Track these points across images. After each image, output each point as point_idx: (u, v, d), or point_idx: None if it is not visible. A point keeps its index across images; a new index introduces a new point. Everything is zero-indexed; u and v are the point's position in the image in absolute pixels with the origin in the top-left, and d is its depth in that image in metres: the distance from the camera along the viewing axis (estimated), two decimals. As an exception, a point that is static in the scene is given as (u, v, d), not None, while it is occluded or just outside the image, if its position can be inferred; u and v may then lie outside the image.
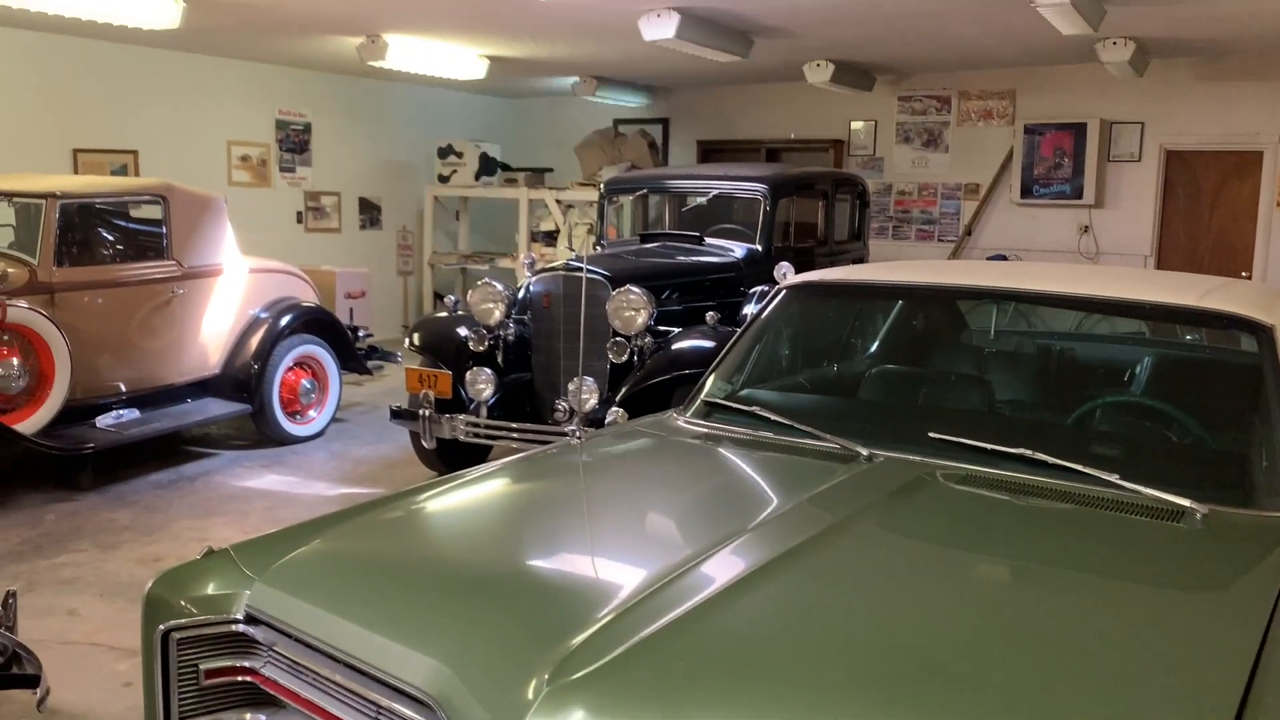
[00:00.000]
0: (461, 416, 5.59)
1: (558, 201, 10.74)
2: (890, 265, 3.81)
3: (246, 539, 2.27)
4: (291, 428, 6.85)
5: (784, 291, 3.51)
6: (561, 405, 5.65)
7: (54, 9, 6.21)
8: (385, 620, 1.89)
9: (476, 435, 5.55)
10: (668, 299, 6.06)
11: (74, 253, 5.79)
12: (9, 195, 5.82)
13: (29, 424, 5.36)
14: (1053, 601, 1.97)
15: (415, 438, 5.93)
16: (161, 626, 2.05)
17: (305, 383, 6.94)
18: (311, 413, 7.03)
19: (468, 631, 1.80)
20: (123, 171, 8.68)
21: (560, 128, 12.24)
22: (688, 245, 6.93)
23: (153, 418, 6.13)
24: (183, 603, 2.07)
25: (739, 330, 3.51)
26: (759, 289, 6.37)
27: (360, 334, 7.65)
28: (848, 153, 10.89)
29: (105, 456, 5.89)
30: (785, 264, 6.12)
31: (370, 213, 11.24)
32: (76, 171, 8.35)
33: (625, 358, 5.55)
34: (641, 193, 7.70)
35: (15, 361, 5.29)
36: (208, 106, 9.41)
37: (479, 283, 5.92)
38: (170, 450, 6.60)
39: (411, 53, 8.43)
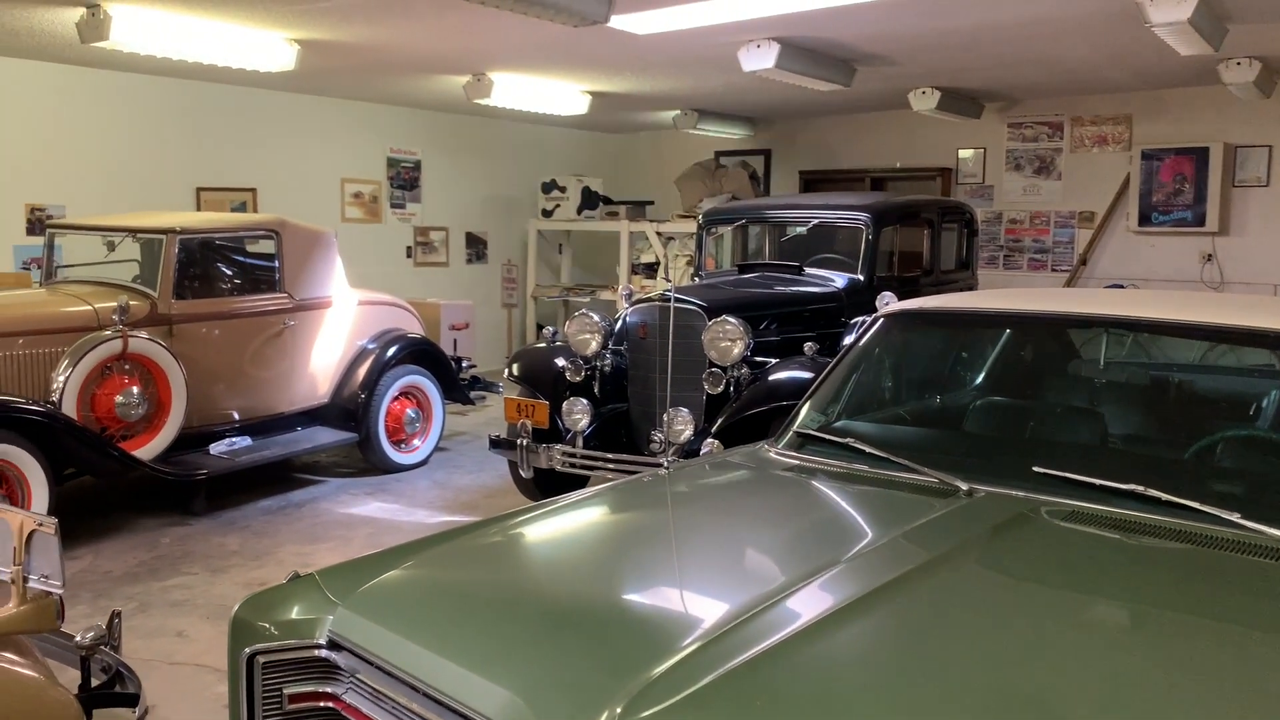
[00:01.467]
0: (558, 446, 5.60)
1: (658, 234, 10.78)
2: (994, 293, 3.68)
3: (333, 564, 2.30)
4: (396, 456, 6.99)
5: (881, 320, 3.42)
6: (657, 436, 5.61)
7: (178, 54, 6.53)
8: (462, 649, 1.87)
9: (572, 465, 5.55)
10: (765, 329, 5.99)
11: (192, 286, 6.04)
12: (133, 231, 6.12)
13: (147, 450, 5.59)
14: (1170, 648, 1.83)
15: (514, 467, 5.98)
16: (247, 650, 2.08)
17: (410, 412, 7.08)
18: (416, 441, 7.16)
19: (543, 663, 1.77)
20: (242, 209, 9.05)
21: (661, 161, 12.32)
22: (787, 275, 6.85)
23: (264, 445, 6.32)
24: (268, 626, 2.10)
25: (833, 360, 3.43)
26: (860, 319, 6.23)
27: (463, 365, 7.78)
28: (956, 181, 10.65)
29: (218, 482, 6.10)
30: (888, 294, 6.00)
31: (476, 247, 11.46)
32: (199, 209, 8.75)
33: (721, 389, 5.49)
34: (740, 223, 7.66)
35: (135, 390, 5.52)
36: (322, 145, 9.76)
37: (576, 314, 5.96)
38: (280, 477, 6.79)
39: (515, 90, 8.60)
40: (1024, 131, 10.16)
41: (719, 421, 5.35)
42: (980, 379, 3.61)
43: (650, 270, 10.82)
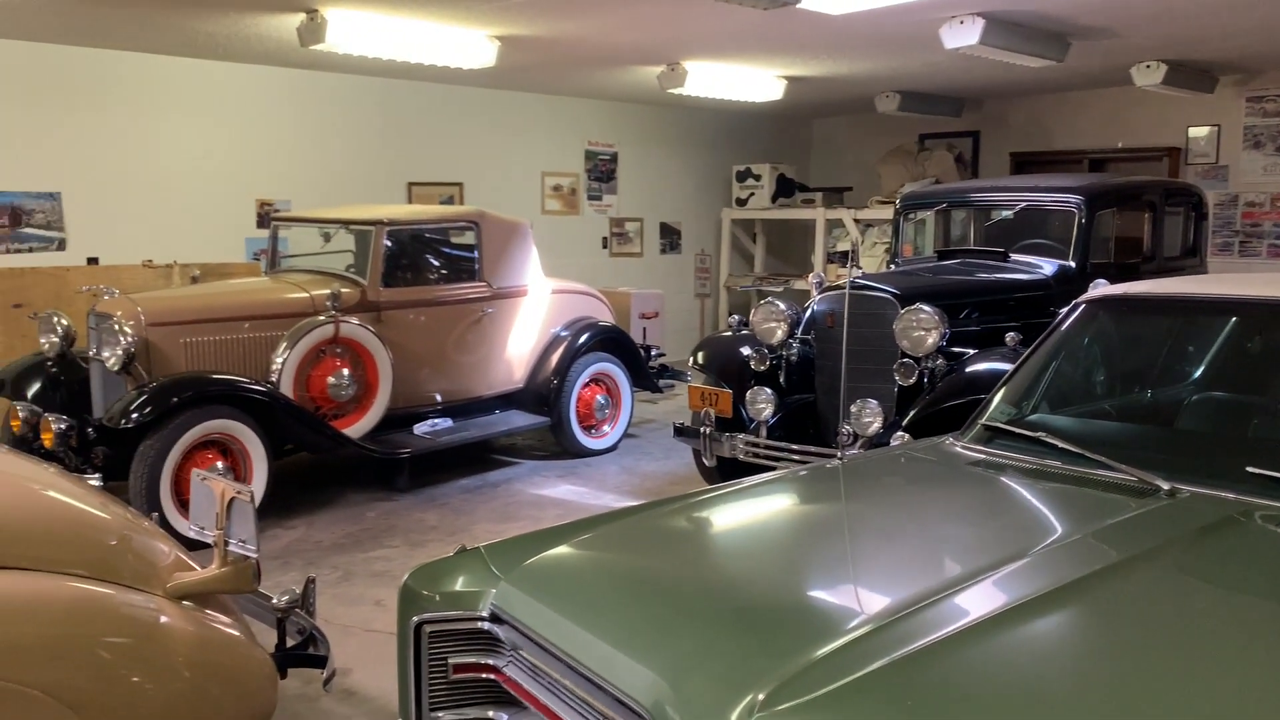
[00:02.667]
0: (741, 436, 5.55)
1: (856, 221, 10.51)
2: (1214, 277, 3.35)
3: (499, 539, 2.35)
4: (587, 441, 7.13)
5: (1084, 306, 3.18)
6: (845, 429, 5.46)
7: (387, 55, 6.88)
8: (614, 628, 1.86)
9: (755, 455, 5.48)
10: (964, 319, 5.71)
11: (399, 274, 6.36)
12: (346, 223, 6.51)
13: (355, 429, 5.93)
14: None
15: (697, 455, 5.97)
16: (415, 618, 2.15)
17: (600, 398, 7.20)
18: (606, 427, 7.28)
19: (691, 646, 1.73)
20: (449, 202, 9.47)
21: (860, 146, 11.99)
22: (991, 262, 6.51)
23: (463, 427, 6.59)
24: (435, 597, 2.16)
25: (1028, 349, 3.22)
26: (1068, 309, 5.84)
27: (652, 353, 7.84)
28: (1185, 161, 9.82)
29: (420, 461, 6.40)
30: (1102, 281, 5.57)
31: (670, 237, 11.54)
32: (410, 203, 9.21)
33: (914, 380, 5.28)
34: (941, 207, 7.33)
35: (345, 372, 5.87)
36: (523, 140, 10.08)
37: (761, 302, 5.88)
38: (478, 458, 7.07)
39: (709, 78, 8.57)
40: (1264, 106, 9.24)
41: (910, 414, 5.15)
42: (1196, 372, 3.30)
43: (846, 259, 10.56)
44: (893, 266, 7.15)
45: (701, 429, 5.67)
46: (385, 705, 3.61)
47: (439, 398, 6.56)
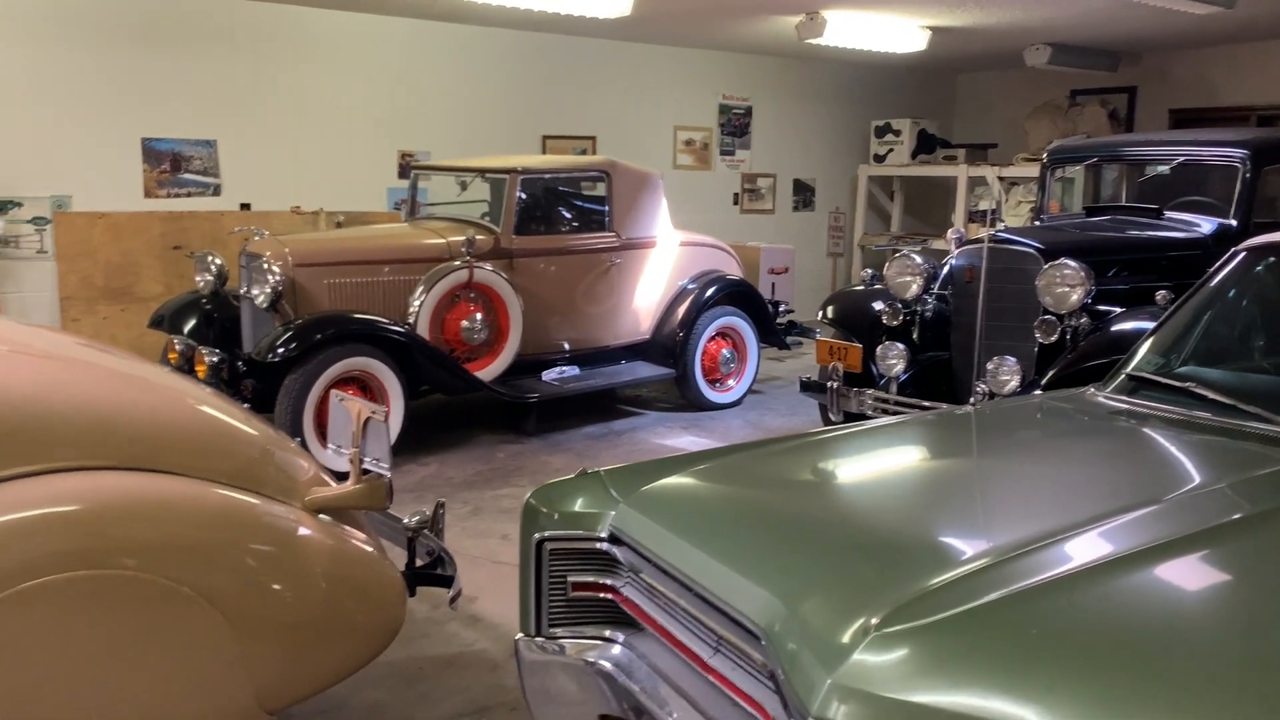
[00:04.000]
0: (870, 391, 5.45)
1: (1000, 178, 10.12)
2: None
3: (619, 465, 2.37)
4: (711, 394, 7.13)
5: (1243, 254, 2.99)
6: (980, 387, 5.29)
7: (524, 4, 6.94)
8: (730, 551, 1.87)
9: (884, 411, 5.38)
10: (1113, 277, 5.44)
11: (531, 223, 6.45)
12: (482, 171, 6.64)
13: (487, 372, 6.08)
14: None
15: (824, 410, 5.89)
16: (536, 535, 2.20)
17: (725, 352, 7.18)
18: (730, 381, 7.26)
19: (808, 571, 1.72)
20: (582, 155, 9.54)
21: (1007, 101, 11.51)
22: (1143, 219, 6.17)
23: (589, 375, 6.68)
24: (555, 516, 2.21)
25: (1179, 300, 3.05)
26: (1227, 268, 5.50)
27: (780, 309, 7.76)
28: (1369, 118, 9.08)
29: (548, 406, 6.53)
30: (1264, 240, 5.23)
31: (804, 194, 11.36)
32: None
33: (1055, 338, 5.07)
34: (1092, 162, 6.98)
35: (479, 316, 6.01)
36: (656, 94, 10.04)
37: (896, 255, 5.73)
38: (603, 406, 7.16)
39: (849, 28, 8.35)
40: None
41: (1050, 373, 4.96)
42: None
43: (987, 217, 10.19)
44: (1038, 223, 6.86)
45: (829, 384, 5.59)
46: (509, 631, 3.71)
47: (567, 346, 6.65)
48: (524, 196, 6.35)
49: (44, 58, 6.88)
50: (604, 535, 2.14)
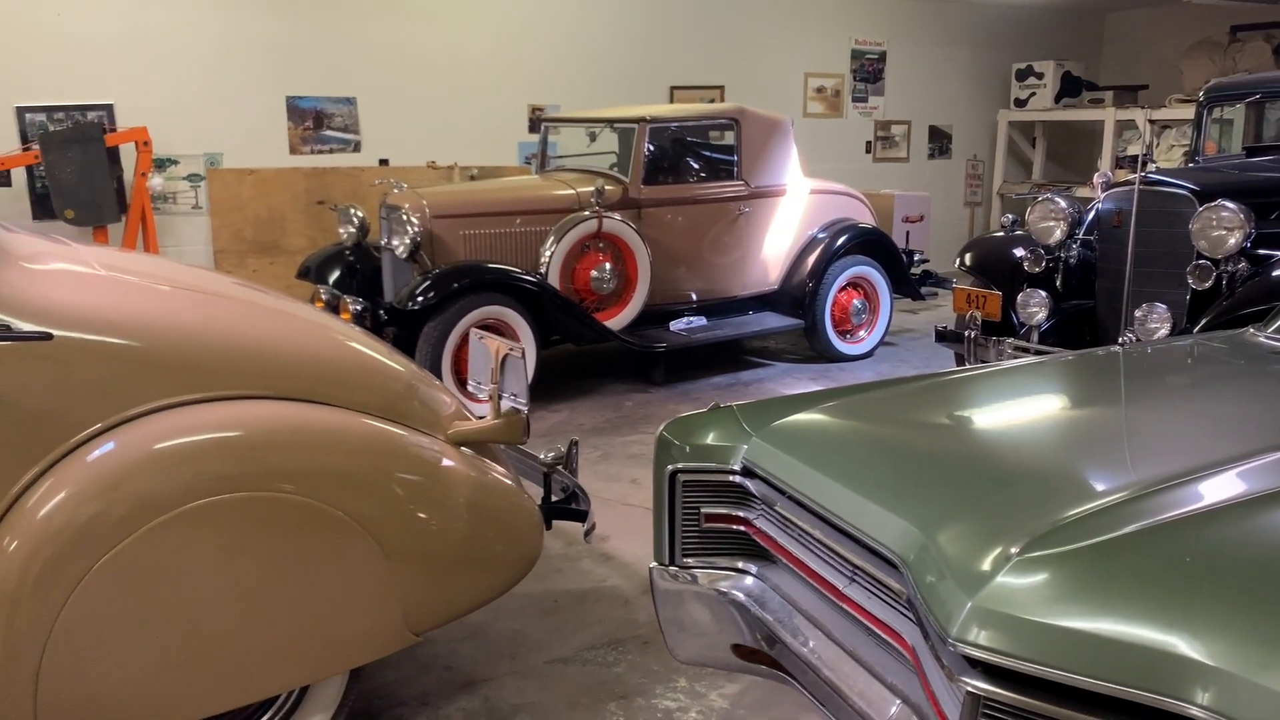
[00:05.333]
0: (1009, 340, 5.28)
1: (1151, 121, 9.58)
2: None
3: (749, 401, 2.38)
4: (841, 346, 7.04)
5: None
6: (1127, 336, 5.07)
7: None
8: (865, 482, 1.86)
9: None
10: (1276, 220, 5.12)
11: (659, 172, 6.46)
12: (610, 121, 6.66)
13: (615, 322, 6.15)
14: None
15: (959, 361, 5.75)
16: (670, 467, 2.24)
17: (856, 303, 7.07)
18: (861, 333, 7.15)
19: (944, 499, 1.70)
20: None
21: (1159, 39, 10.86)
22: (1309, 160, 5.77)
23: (717, 326, 6.67)
24: (688, 448, 2.23)
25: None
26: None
27: (915, 258, 7.58)
28: None
29: (675, 356, 6.56)
30: None
31: (939, 141, 11.00)
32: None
33: (1210, 284, 4.81)
34: (1255, 99, 6.54)
35: (608, 266, 6.08)
36: (786, 40, 9.85)
37: (1039, 199, 5.52)
38: (731, 357, 7.15)
39: (989, -35, 8.01)
40: None
41: (1203, 320, 4.71)
42: None
43: (1137, 163, 9.69)
44: (1193, 164, 6.49)
45: (966, 332, 5.44)
46: (639, 569, 3.80)
47: (694, 296, 6.66)
48: (652, 146, 6.36)
49: (195, 22, 7.20)
50: (736, 468, 2.16)
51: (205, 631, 2.26)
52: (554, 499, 3.03)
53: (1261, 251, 4.82)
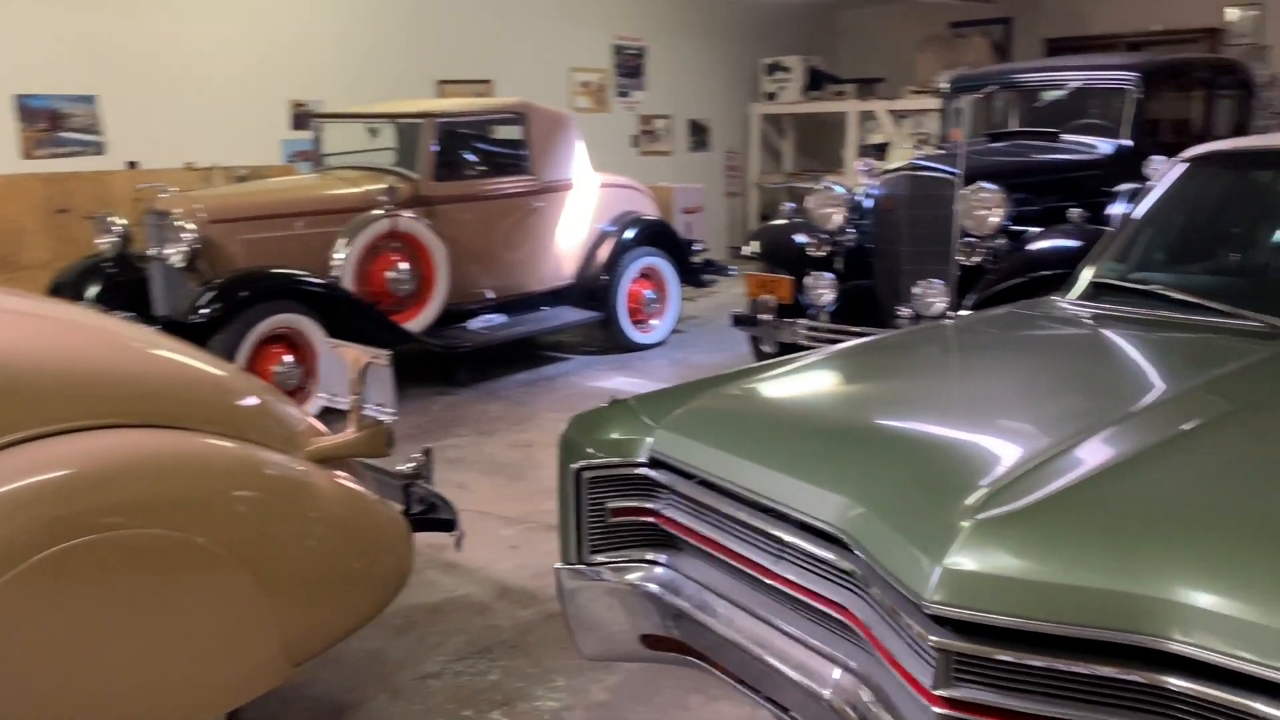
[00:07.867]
0: (802, 321, 5.58)
1: (890, 112, 10.37)
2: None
3: (644, 391, 2.39)
4: (636, 335, 7.17)
5: (1186, 164, 3.17)
6: (905, 311, 5.48)
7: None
8: (790, 462, 1.91)
9: (817, 339, 5.51)
10: (1023, 200, 5.69)
11: (448, 169, 6.31)
12: (394, 117, 6.44)
13: (415, 323, 5.97)
14: None
15: (755, 343, 6.00)
16: (574, 465, 2.21)
17: (648, 293, 7.22)
18: (654, 321, 7.31)
19: (879, 471, 1.78)
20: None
21: (890, 35, 11.76)
22: (1042, 143, 6.45)
23: (516, 322, 6.62)
24: (592, 445, 2.22)
25: (1130, 213, 3.22)
26: (1128, 187, 5.80)
27: (695, 248, 7.82)
28: (1223, 43, 9.63)
29: (477, 356, 6.45)
30: (1159, 158, 5.53)
31: (699, 135, 11.40)
32: (441, 102, 9.08)
33: (976, 260, 5.28)
34: (993, 88, 7.22)
35: (404, 266, 5.88)
36: (551, 35, 9.88)
37: (819, 186, 5.84)
38: (529, 354, 7.11)
39: (745, -36, 8.37)
40: (1313, -20, 9.03)
41: (975, 295, 5.16)
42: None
43: (879, 152, 10.45)
44: (941, 151, 7.07)
45: (761, 316, 5.69)
46: (488, 574, 3.72)
47: (491, 294, 6.57)
48: (440, 141, 6.20)
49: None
50: (644, 460, 2.16)
51: (62, 690, 2.01)
52: (413, 510, 2.91)
53: (1017, 228, 5.35)
